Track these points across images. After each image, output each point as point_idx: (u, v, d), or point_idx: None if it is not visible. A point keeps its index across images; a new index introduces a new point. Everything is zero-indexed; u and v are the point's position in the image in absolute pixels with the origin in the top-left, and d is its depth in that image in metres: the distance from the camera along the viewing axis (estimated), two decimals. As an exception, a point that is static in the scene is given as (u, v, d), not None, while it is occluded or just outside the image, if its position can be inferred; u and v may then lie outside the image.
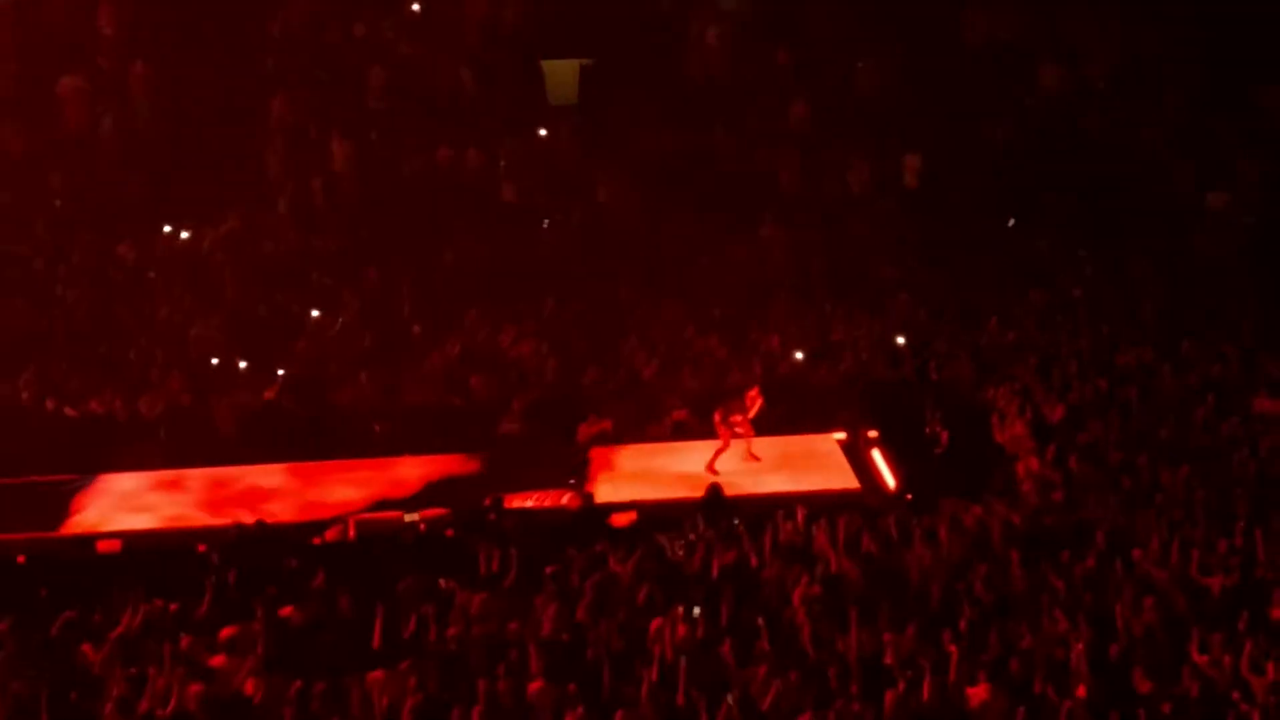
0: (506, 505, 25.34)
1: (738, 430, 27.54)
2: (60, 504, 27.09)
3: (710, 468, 27.24)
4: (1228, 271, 32.84)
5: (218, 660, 20.03)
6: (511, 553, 22.74)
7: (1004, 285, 32.71)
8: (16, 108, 36.32)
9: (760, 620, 20.63)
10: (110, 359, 31.40)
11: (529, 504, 26.13)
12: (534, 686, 19.36)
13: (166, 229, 34.73)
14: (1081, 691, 19.12)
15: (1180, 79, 36.16)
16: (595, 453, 28.51)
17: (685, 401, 29.77)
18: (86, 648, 20.48)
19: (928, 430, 28.28)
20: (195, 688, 19.21)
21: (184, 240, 34.59)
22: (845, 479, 27.38)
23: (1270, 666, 19.39)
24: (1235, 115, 35.48)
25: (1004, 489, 25.88)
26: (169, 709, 19.02)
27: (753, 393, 27.85)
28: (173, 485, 27.89)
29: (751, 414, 27.64)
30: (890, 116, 36.06)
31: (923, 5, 37.15)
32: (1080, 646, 19.78)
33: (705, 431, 28.32)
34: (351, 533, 25.68)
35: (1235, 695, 19.16)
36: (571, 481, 27.10)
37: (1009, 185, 34.85)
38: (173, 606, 21.45)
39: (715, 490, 25.12)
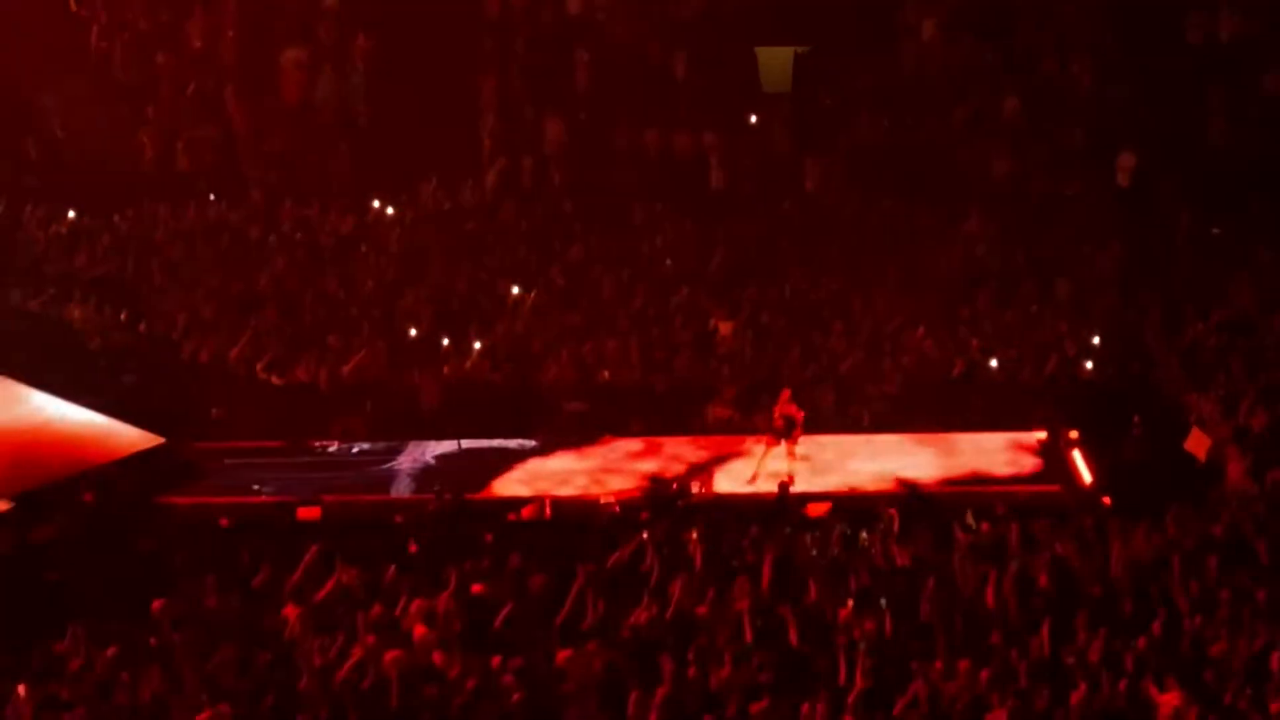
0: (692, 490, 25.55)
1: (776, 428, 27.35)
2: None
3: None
4: None
5: (414, 630, 20.31)
6: (700, 537, 22.86)
7: (1213, 288, 32.11)
8: (238, 77, 37.05)
9: (951, 615, 20.60)
10: (317, 328, 31.86)
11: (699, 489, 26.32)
12: (721, 673, 19.43)
13: (375, 203, 35.23)
14: (1275, 707, 18.85)
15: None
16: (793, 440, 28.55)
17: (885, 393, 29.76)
18: (286, 612, 20.87)
19: (1129, 433, 27.93)
20: (392, 655, 19.50)
21: (391, 214, 35.08)
22: (1044, 478, 27.27)
23: None
24: None
25: (1204, 496, 25.49)
26: (365, 675, 19.37)
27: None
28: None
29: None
30: (1105, 113, 35.63)
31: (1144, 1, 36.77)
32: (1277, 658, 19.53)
33: (900, 424, 28.36)
34: (548, 512, 25.92)
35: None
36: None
37: (1223, 187, 34.18)
38: (367, 575, 21.83)
39: (913, 487, 25.01)
